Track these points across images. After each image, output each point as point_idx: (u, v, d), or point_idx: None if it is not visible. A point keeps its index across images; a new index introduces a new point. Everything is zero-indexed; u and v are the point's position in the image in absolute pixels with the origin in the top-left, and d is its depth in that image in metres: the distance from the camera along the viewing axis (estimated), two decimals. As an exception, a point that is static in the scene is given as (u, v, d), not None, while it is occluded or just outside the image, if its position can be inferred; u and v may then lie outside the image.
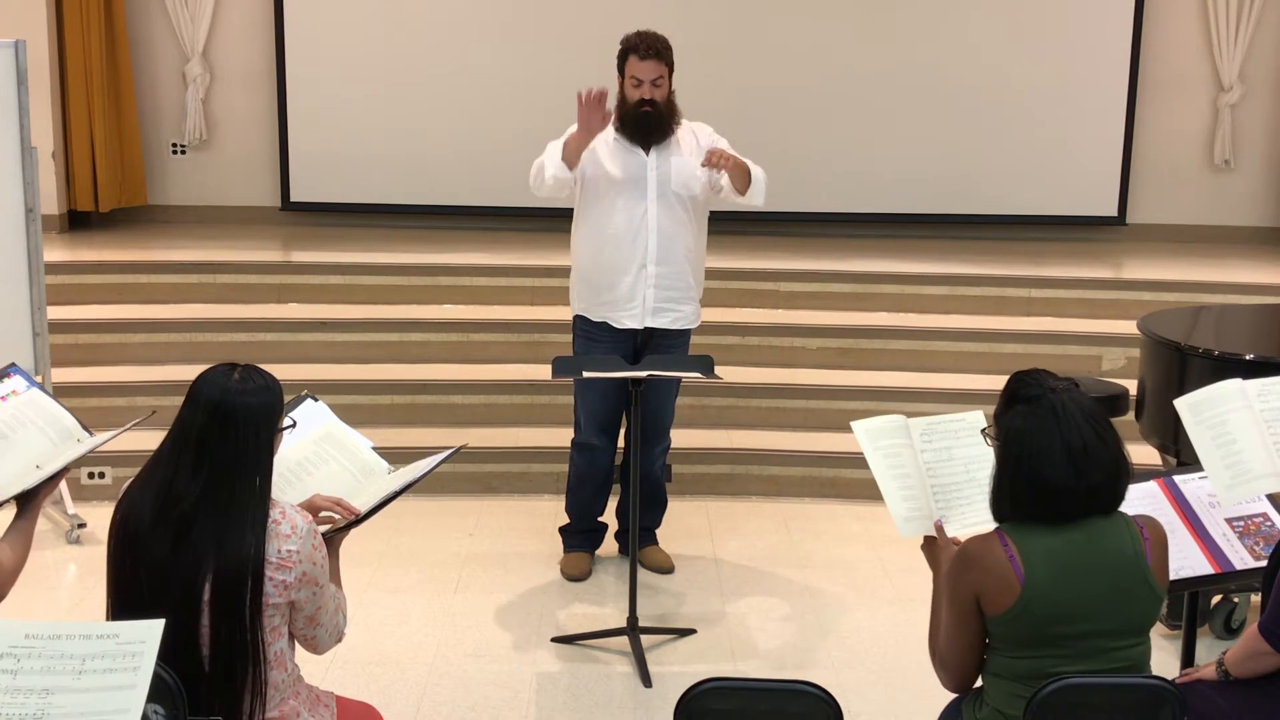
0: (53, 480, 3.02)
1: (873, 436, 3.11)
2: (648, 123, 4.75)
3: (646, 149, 4.79)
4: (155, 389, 6.09)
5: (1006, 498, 2.75)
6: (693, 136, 4.87)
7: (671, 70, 4.80)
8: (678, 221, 4.82)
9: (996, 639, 2.74)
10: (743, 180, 4.72)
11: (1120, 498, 2.74)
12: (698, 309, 4.99)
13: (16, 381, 3.17)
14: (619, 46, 4.82)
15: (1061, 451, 2.67)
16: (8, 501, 2.97)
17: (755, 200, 4.82)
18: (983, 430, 2.90)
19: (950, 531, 3.00)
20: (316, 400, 3.39)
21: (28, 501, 2.98)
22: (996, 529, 2.75)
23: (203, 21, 8.15)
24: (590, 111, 4.56)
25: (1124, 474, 2.74)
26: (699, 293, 4.98)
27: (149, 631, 2.21)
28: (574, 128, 4.63)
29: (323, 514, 3.02)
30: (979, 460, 3.10)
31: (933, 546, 3.01)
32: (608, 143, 4.80)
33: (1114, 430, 2.74)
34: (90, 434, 3.19)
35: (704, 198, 4.89)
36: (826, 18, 8.15)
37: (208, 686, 2.67)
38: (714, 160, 4.61)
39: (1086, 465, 2.67)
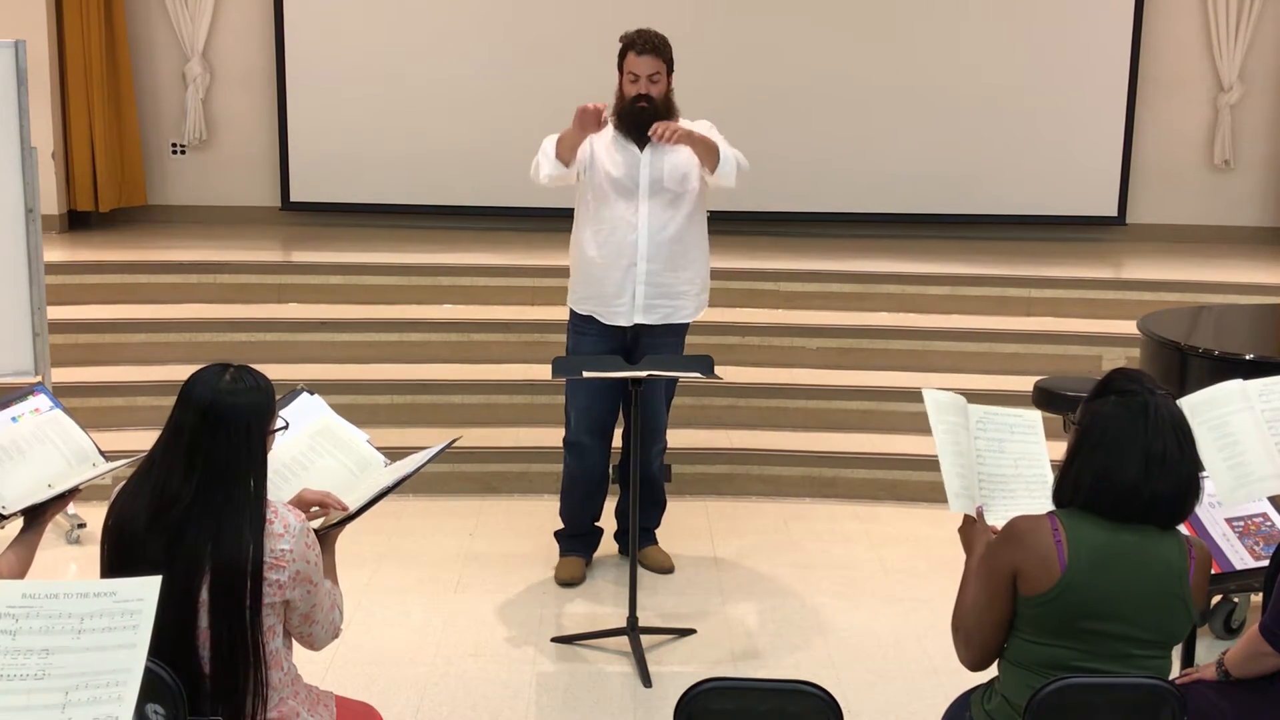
0: (62, 499, 3.04)
1: (940, 409, 3.09)
2: (644, 118, 4.75)
3: (641, 146, 4.80)
4: (155, 389, 6.09)
5: (1070, 482, 2.73)
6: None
7: (670, 68, 4.80)
8: (670, 219, 4.81)
9: (1023, 621, 2.74)
10: (710, 158, 4.72)
11: (1182, 516, 2.72)
12: (694, 305, 4.94)
13: (40, 400, 3.21)
14: (619, 44, 4.83)
15: (1140, 451, 2.66)
16: (16, 515, 2.98)
17: (725, 181, 4.79)
18: (1065, 418, 2.88)
19: (989, 522, 3.00)
20: (313, 394, 3.38)
21: (36, 517, 3.00)
22: (1050, 512, 2.75)
23: (203, 21, 8.15)
24: (587, 115, 4.61)
25: (1192, 492, 2.71)
26: (697, 288, 4.93)
27: (146, 588, 2.20)
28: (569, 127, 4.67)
29: (312, 509, 3.01)
30: (1029, 458, 3.10)
31: (970, 530, 3.00)
32: (606, 140, 4.82)
33: (1196, 449, 2.72)
34: (105, 459, 3.20)
35: (702, 191, 4.87)
36: (826, 18, 8.15)
37: (211, 687, 2.67)
38: (660, 133, 4.59)
39: (1160, 473, 2.65)
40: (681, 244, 4.85)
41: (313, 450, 3.24)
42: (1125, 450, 2.67)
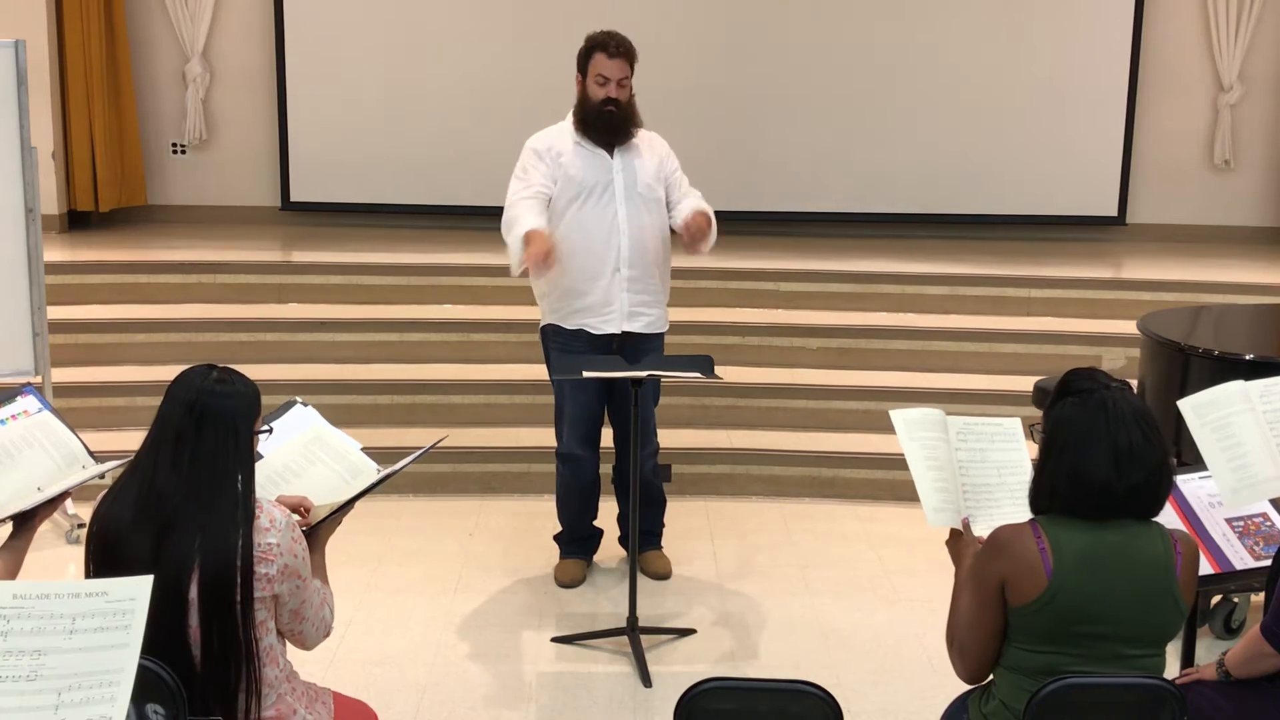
0: (52, 503, 3.02)
1: (910, 427, 3.09)
2: (612, 123, 4.71)
3: (610, 151, 4.75)
4: (155, 389, 6.00)
5: (1046, 488, 2.74)
6: (651, 143, 4.85)
7: (633, 71, 4.76)
8: (645, 224, 4.76)
9: (1015, 630, 2.74)
10: (704, 240, 4.73)
11: (1159, 504, 2.73)
12: (666, 312, 4.95)
13: (29, 402, 3.18)
14: (583, 44, 4.77)
15: (1107, 447, 2.66)
16: (4, 521, 2.96)
17: (704, 251, 4.81)
18: (1031, 425, 2.89)
19: (976, 532, 3.00)
20: (306, 405, 3.40)
21: (25, 522, 2.97)
22: (1031, 520, 2.75)
23: (203, 21, 8.15)
24: (539, 268, 4.51)
25: (1165, 479, 2.72)
26: (667, 296, 4.94)
27: (138, 588, 2.20)
28: (531, 223, 4.56)
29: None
30: (1012, 466, 3.10)
31: (958, 542, 3.01)
32: (570, 147, 4.75)
33: (1162, 435, 2.73)
34: (95, 461, 3.18)
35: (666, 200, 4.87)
36: (826, 18, 8.15)
37: (203, 686, 2.67)
38: (692, 233, 4.66)
39: (1130, 465, 2.66)
40: (655, 250, 4.81)
41: (305, 458, 3.25)
42: (1091, 448, 2.68)
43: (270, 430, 2.98)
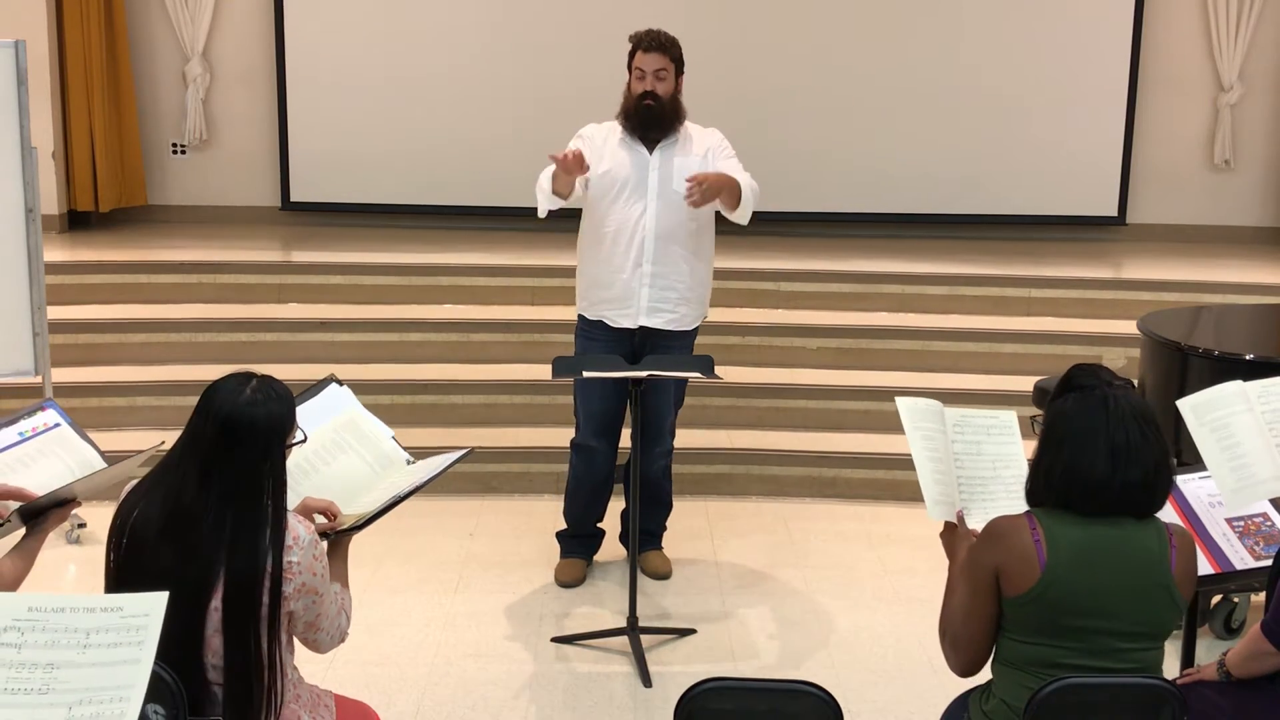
0: (64, 507, 3.02)
1: (914, 416, 3.10)
2: (649, 115, 4.74)
3: (650, 147, 4.79)
4: (155, 389, 6.09)
5: (1042, 481, 2.75)
6: (702, 139, 4.87)
7: (679, 68, 4.79)
8: (677, 222, 4.79)
9: (1009, 622, 2.75)
10: (731, 198, 4.71)
11: (1157, 503, 2.74)
12: (698, 312, 4.93)
13: (49, 415, 3.18)
14: (629, 45, 4.82)
15: (1104, 444, 2.67)
16: (11, 520, 2.96)
17: (740, 219, 4.83)
18: (1032, 418, 2.90)
19: (970, 525, 3.00)
20: (342, 385, 3.35)
21: (37, 524, 2.98)
22: (1027, 511, 2.76)
23: (203, 21, 8.15)
24: (567, 164, 4.54)
25: (1163, 479, 2.72)
26: (700, 295, 4.93)
27: (153, 604, 2.19)
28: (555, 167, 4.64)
29: (316, 519, 3.00)
30: (1006, 459, 3.11)
31: (952, 534, 3.02)
32: (613, 140, 4.81)
33: (1162, 435, 2.73)
34: (108, 464, 3.18)
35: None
36: (827, 18, 8.16)
37: (222, 696, 2.65)
38: (692, 191, 4.57)
39: (1126, 462, 2.67)
40: (686, 248, 4.83)
41: (335, 445, 3.21)
42: (1089, 444, 2.69)
43: (304, 439, 2.92)
